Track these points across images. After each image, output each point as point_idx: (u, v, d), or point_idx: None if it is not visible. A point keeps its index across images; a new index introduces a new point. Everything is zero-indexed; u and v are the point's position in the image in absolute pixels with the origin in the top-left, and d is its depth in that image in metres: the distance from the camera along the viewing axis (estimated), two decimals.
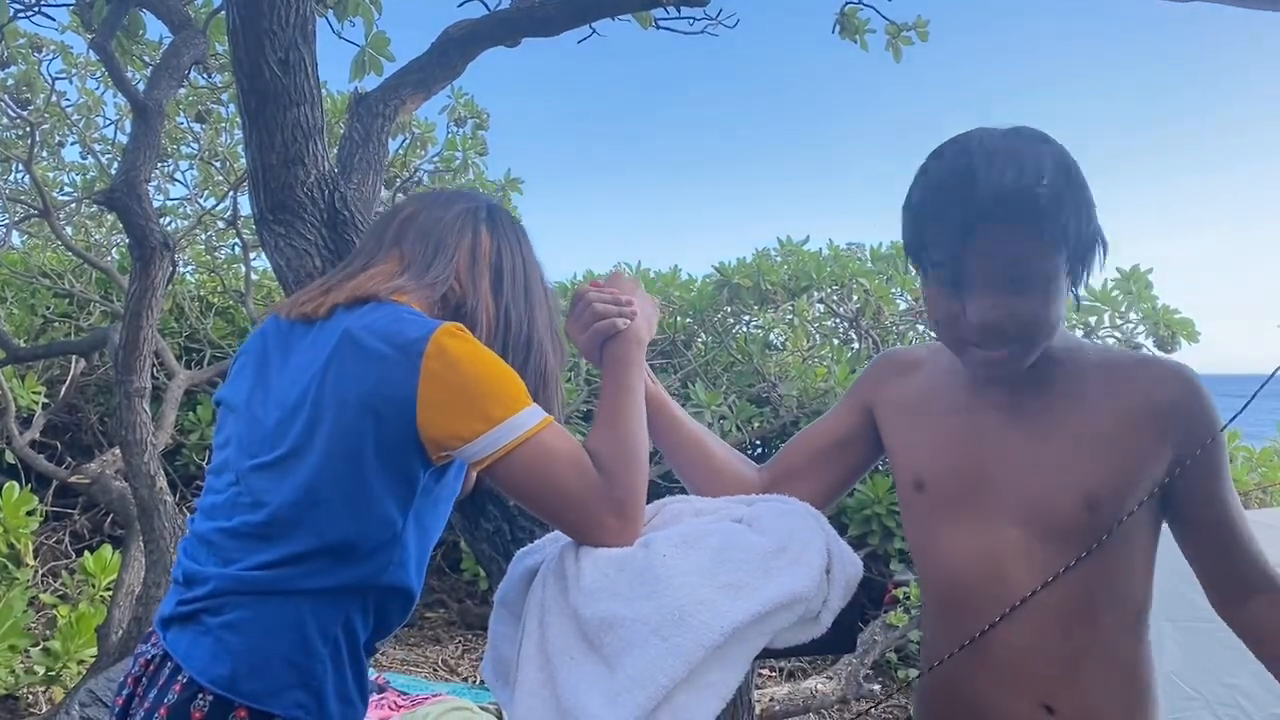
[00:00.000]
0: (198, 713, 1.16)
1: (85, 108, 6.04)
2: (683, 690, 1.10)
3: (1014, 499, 1.26)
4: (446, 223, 1.42)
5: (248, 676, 1.18)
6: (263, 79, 1.82)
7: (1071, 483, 1.23)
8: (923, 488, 1.35)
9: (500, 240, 1.44)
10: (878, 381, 1.46)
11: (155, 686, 1.22)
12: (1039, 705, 1.25)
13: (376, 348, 1.21)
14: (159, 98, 3.49)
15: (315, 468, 1.20)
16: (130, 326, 3.50)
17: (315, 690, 1.21)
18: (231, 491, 1.27)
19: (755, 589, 1.17)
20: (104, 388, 6.35)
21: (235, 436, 1.32)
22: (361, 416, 1.19)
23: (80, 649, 4.20)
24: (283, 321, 1.37)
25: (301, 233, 1.88)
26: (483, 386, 1.22)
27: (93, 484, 4.48)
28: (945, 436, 1.33)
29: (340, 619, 1.24)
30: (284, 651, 1.20)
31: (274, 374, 1.32)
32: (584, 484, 1.24)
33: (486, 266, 1.42)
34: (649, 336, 1.44)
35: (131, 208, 3.32)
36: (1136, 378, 1.25)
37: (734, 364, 5.74)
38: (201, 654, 1.20)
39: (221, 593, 1.21)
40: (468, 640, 5.34)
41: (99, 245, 6.96)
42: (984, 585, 1.27)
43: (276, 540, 1.21)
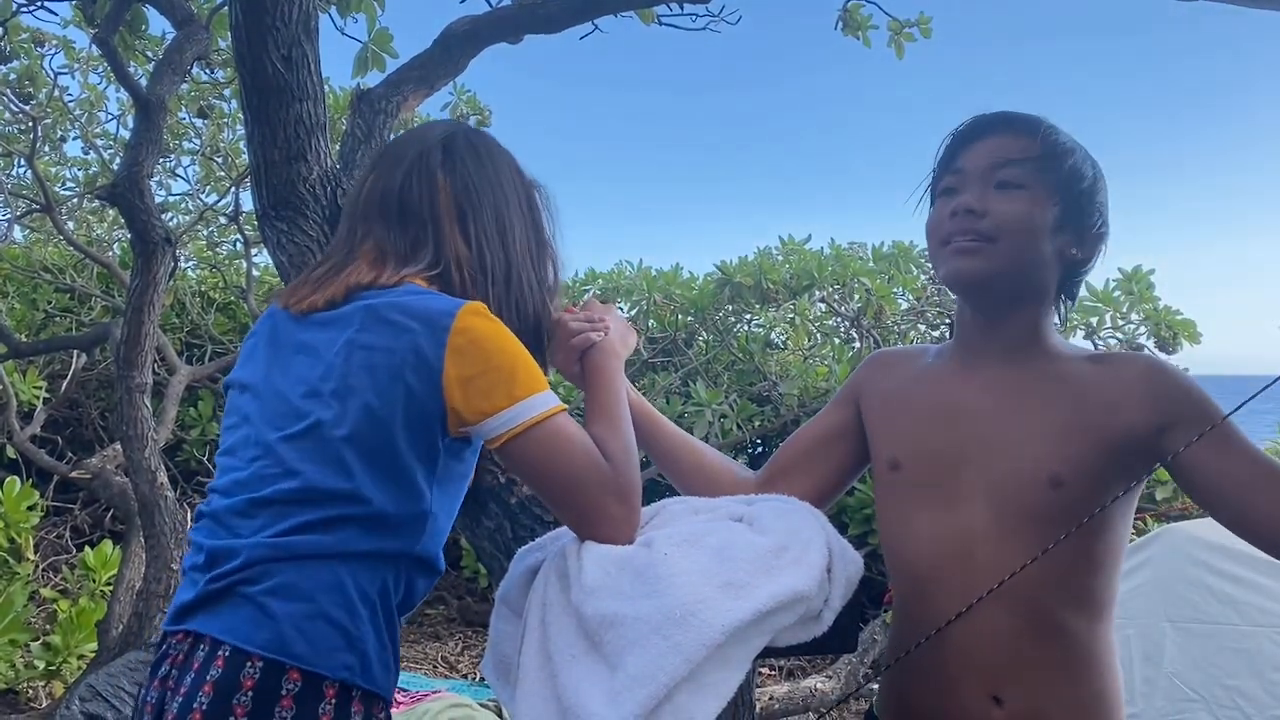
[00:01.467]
0: (249, 680, 1.14)
1: (87, 102, 6.04)
2: (684, 689, 1.10)
3: (984, 480, 1.28)
4: (400, 183, 1.39)
5: (297, 639, 1.16)
6: (265, 75, 1.82)
7: (1036, 462, 1.24)
8: (898, 467, 1.37)
9: (457, 178, 1.41)
10: (866, 378, 1.49)
11: (190, 671, 1.17)
12: (988, 696, 1.25)
13: (403, 321, 1.24)
14: (162, 93, 3.49)
15: (347, 437, 1.22)
16: (132, 322, 3.51)
17: (361, 652, 1.21)
18: (258, 465, 1.26)
19: (756, 588, 1.17)
20: (105, 383, 6.36)
21: (255, 414, 1.31)
22: (392, 385, 1.22)
23: (80, 644, 4.20)
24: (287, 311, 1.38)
25: (304, 229, 1.88)
26: (506, 365, 1.25)
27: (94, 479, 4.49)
28: (922, 420, 1.36)
29: (377, 584, 1.24)
30: (330, 613, 1.19)
31: (290, 354, 1.32)
32: (592, 469, 1.26)
33: (449, 215, 1.39)
34: (625, 353, 1.47)
35: (134, 203, 3.33)
36: (1112, 369, 1.28)
37: (735, 362, 5.74)
38: (244, 623, 1.17)
39: (256, 561, 1.19)
40: (468, 637, 5.34)
41: (100, 240, 6.97)
42: (951, 567, 1.28)
43: (313, 505, 1.21)
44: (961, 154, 1.33)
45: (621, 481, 1.27)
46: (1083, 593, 1.26)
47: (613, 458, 1.28)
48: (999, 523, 1.26)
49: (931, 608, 1.28)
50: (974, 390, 1.33)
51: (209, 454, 5.89)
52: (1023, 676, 1.24)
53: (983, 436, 1.30)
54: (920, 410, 1.37)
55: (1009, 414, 1.29)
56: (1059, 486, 1.23)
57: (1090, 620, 1.26)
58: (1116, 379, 1.26)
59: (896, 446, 1.38)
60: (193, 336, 6.66)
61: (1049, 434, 1.25)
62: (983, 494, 1.28)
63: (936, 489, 1.32)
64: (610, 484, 1.26)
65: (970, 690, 1.26)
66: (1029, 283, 1.30)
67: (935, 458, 1.33)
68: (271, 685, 1.14)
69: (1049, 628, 1.25)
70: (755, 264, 5.43)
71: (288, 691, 1.15)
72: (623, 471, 1.28)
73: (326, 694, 1.17)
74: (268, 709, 1.13)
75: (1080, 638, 1.26)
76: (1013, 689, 1.24)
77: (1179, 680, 2.43)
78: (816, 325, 6.04)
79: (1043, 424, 1.26)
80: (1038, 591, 1.23)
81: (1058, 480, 1.23)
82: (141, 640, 3.49)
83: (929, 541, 1.31)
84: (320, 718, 1.16)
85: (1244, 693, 2.31)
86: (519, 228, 1.44)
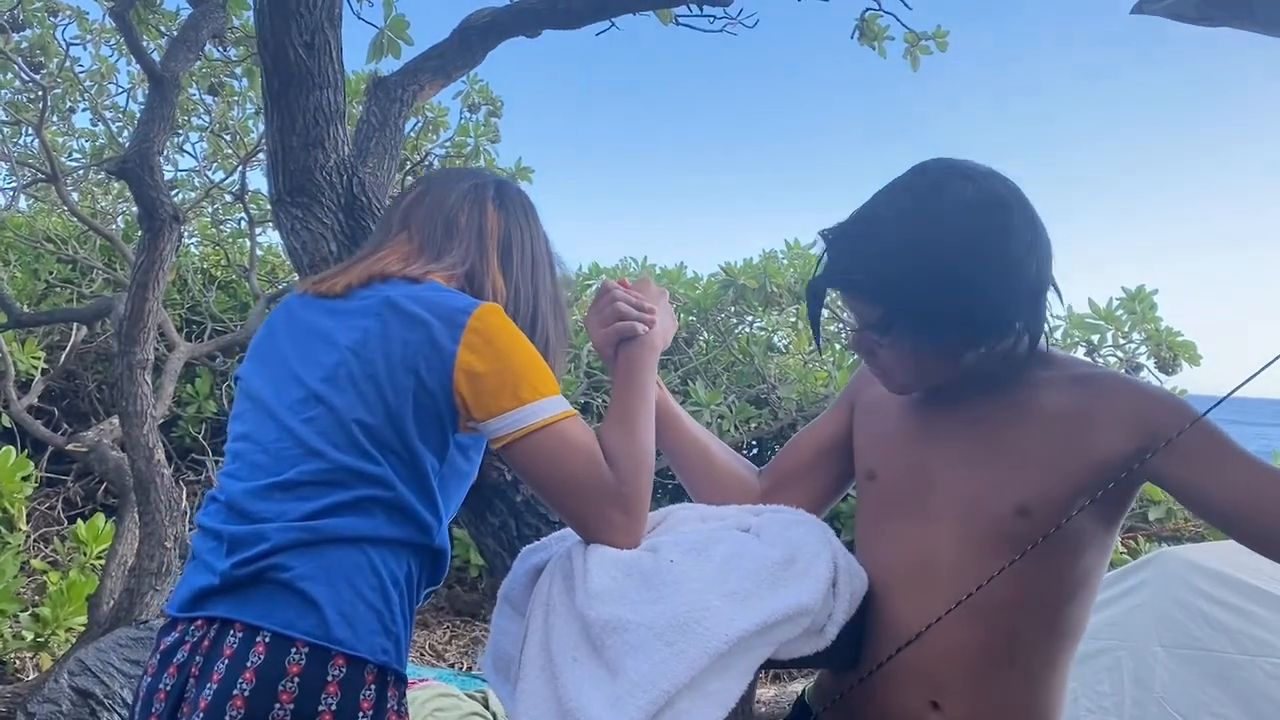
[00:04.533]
0: (294, 667, 1.15)
1: (98, 74, 6.01)
2: (685, 696, 1.11)
3: (953, 500, 1.28)
4: (454, 202, 1.44)
5: (340, 624, 1.18)
6: (287, 61, 1.82)
7: (1006, 489, 1.24)
8: (874, 478, 1.39)
9: (508, 217, 1.46)
10: (863, 384, 1.49)
11: (221, 658, 1.16)
12: (927, 701, 1.25)
13: (420, 314, 1.26)
14: (175, 69, 3.48)
15: (362, 424, 1.23)
16: (136, 298, 3.50)
17: (395, 637, 1.24)
18: (277, 448, 1.26)
19: (761, 599, 1.17)
20: (104, 356, 6.34)
21: (271, 398, 1.31)
22: (405, 376, 1.24)
23: (69, 617, 4.20)
24: (305, 297, 1.40)
25: (319, 216, 1.88)
26: (517, 367, 1.27)
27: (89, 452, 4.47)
28: (900, 435, 1.37)
29: (403, 570, 1.26)
30: (368, 597, 1.21)
31: (307, 339, 1.33)
32: (595, 477, 1.26)
33: (495, 244, 1.44)
34: (663, 346, 1.46)
35: (143, 179, 3.32)
36: (1091, 392, 1.25)
37: (735, 364, 5.74)
38: (285, 610, 1.18)
39: (286, 546, 1.20)
40: (455, 626, 5.34)
41: (105, 213, 6.95)
42: (915, 581, 1.28)
43: (341, 487, 1.22)
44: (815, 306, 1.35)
45: (625, 490, 1.27)
46: (1054, 619, 1.26)
47: (620, 465, 1.28)
48: (962, 544, 1.26)
49: (891, 616, 1.29)
50: (950, 413, 1.33)
51: (205, 431, 5.88)
52: (967, 686, 1.24)
53: (954, 460, 1.30)
54: (899, 425, 1.38)
55: (981, 441, 1.28)
56: (1025, 515, 1.22)
57: (1055, 648, 1.27)
58: (1097, 404, 1.23)
59: (874, 458, 1.40)
60: (193, 313, 6.64)
61: (1019, 463, 1.24)
62: (951, 516, 1.28)
63: (907, 505, 1.32)
64: (613, 493, 1.26)
65: (911, 695, 1.26)
66: (967, 366, 1.27)
67: (908, 475, 1.33)
68: (318, 671, 1.16)
69: (1010, 650, 1.25)
70: (760, 266, 5.43)
71: (333, 677, 1.16)
72: (628, 480, 1.27)
73: (367, 679, 1.19)
74: (314, 695, 1.15)
75: (1039, 663, 1.26)
76: (954, 697, 1.24)
77: (1168, 705, 2.44)
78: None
79: (1013, 453, 1.25)
80: (1007, 613, 1.23)
81: (1024, 510, 1.22)
82: (132, 617, 3.48)
83: (896, 554, 1.32)
84: (362, 702, 1.18)
85: None
86: (549, 284, 1.49)
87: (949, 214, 1.19)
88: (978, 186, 1.21)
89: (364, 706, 1.18)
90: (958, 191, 1.20)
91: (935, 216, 1.19)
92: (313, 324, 1.34)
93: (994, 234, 1.19)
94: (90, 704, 2.88)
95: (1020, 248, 1.20)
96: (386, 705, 1.21)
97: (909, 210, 1.21)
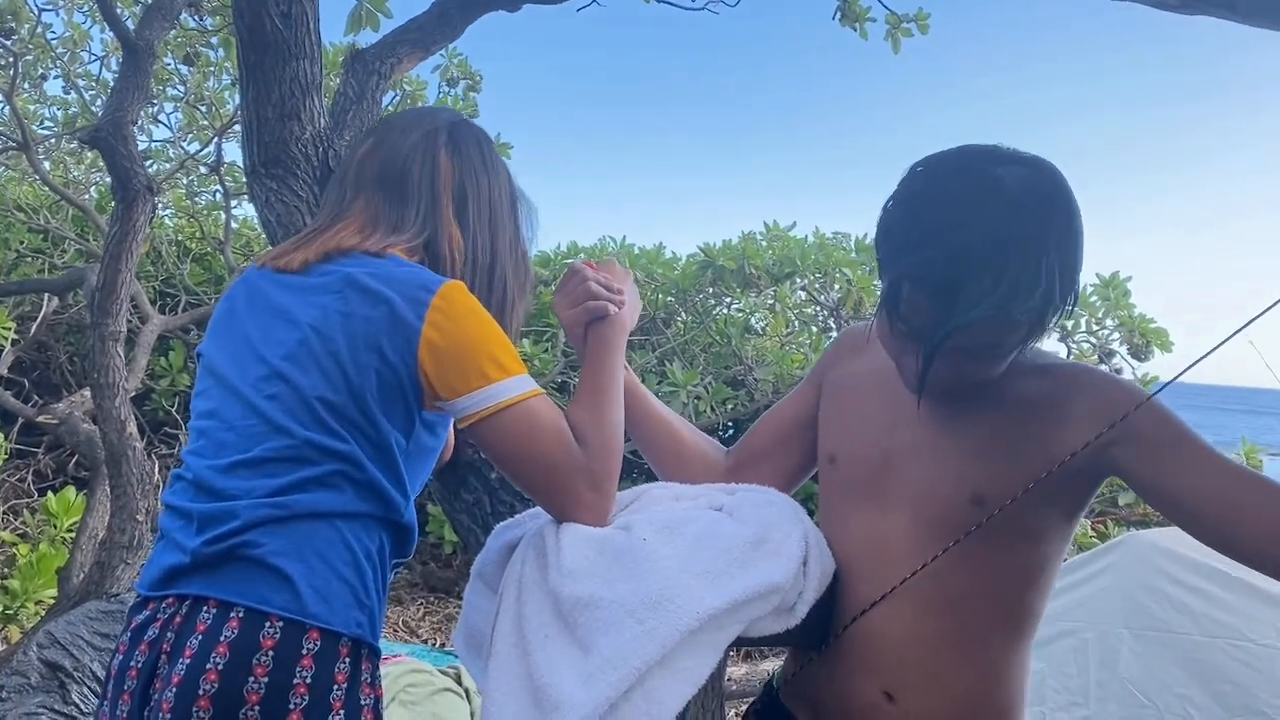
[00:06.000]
0: (268, 640, 1.15)
1: (71, 41, 5.91)
2: (656, 674, 1.11)
3: (909, 487, 1.28)
4: (406, 155, 1.40)
5: (314, 598, 1.18)
6: (264, 31, 1.80)
7: (962, 478, 1.23)
8: (835, 461, 1.38)
9: (462, 164, 1.42)
10: (832, 360, 1.48)
11: (194, 634, 1.16)
12: (880, 691, 1.26)
13: (383, 291, 1.25)
14: (150, 38, 3.43)
15: (325, 401, 1.22)
16: (109, 269, 3.46)
17: (369, 610, 1.24)
18: (243, 425, 1.25)
19: (732, 578, 1.18)
20: (75, 327, 6.27)
21: (234, 376, 1.30)
22: (367, 353, 1.23)
23: (39, 589, 4.17)
24: (265, 272, 1.37)
25: (294, 189, 1.86)
26: (483, 345, 1.26)
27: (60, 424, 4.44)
28: (862, 420, 1.36)
29: (375, 544, 1.26)
30: (341, 571, 1.21)
31: (268, 317, 1.31)
32: (564, 454, 1.26)
33: (449, 196, 1.40)
34: (631, 326, 1.46)
35: (116, 149, 3.27)
36: (1059, 384, 1.23)
37: (712, 345, 5.75)
38: (258, 585, 1.17)
39: (256, 523, 1.19)
40: (429, 603, 5.35)
41: (77, 182, 6.85)
42: (871, 565, 1.29)
43: (308, 463, 1.22)
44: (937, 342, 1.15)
45: (595, 467, 1.28)
46: (1013, 606, 1.26)
47: (589, 443, 1.28)
48: (917, 531, 1.26)
49: (847, 602, 1.30)
50: (913, 398, 1.29)
51: (178, 405, 5.83)
52: (920, 676, 1.25)
53: (913, 446, 1.29)
54: (862, 409, 1.37)
55: (941, 428, 1.28)
56: (980, 505, 1.21)
57: (1013, 636, 1.27)
58: (1061, 397, 1.22)
59: (836, 441, 1.40)
60: (167, 286, 6.57)
61: (978, 452, 1.23)
62: (907, 502, 1.28)
63: (866, 489, 1.32)
64: (582, 470, 1.27)
65: (864, 685, 1.27)
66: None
67: (868, 460, 1.33)
68: (292, 645, 1.16)
69: (968, 639, 1.25)
70: (739, 248, 5.43)
71: (308, 651, 1.16)
72: (597, 457, 1.28)
73: (341, 652, 1.19)
74: (289, 668, 1.15)
75: (998, 652, 1.26)
76: (907, 687, 1.25)
77: (1133, 686, 2.48)
78: (796, 313, 6.06)
79: (973, 442, 1.24)
80: (965, 603, 1.24)
81: (979, 499, 1.21)
82: (103, 590, 3.46)
83: (854, 539, 1.32)
84: (337, 675, 1.18)
85: (1195, 702, 2.36)
86: (508, 227, 1.46)
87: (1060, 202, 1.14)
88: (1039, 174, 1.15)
89: (338, 679, 1.18)
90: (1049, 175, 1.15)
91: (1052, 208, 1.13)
92: (273, 300, 1.32)
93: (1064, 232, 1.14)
94: (59, 677, 2.86)
95: (1076, 241, 1.16)
96: (361, 678, 1.21)
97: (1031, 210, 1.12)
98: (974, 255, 1.09)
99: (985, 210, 1.11)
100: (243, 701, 1.12)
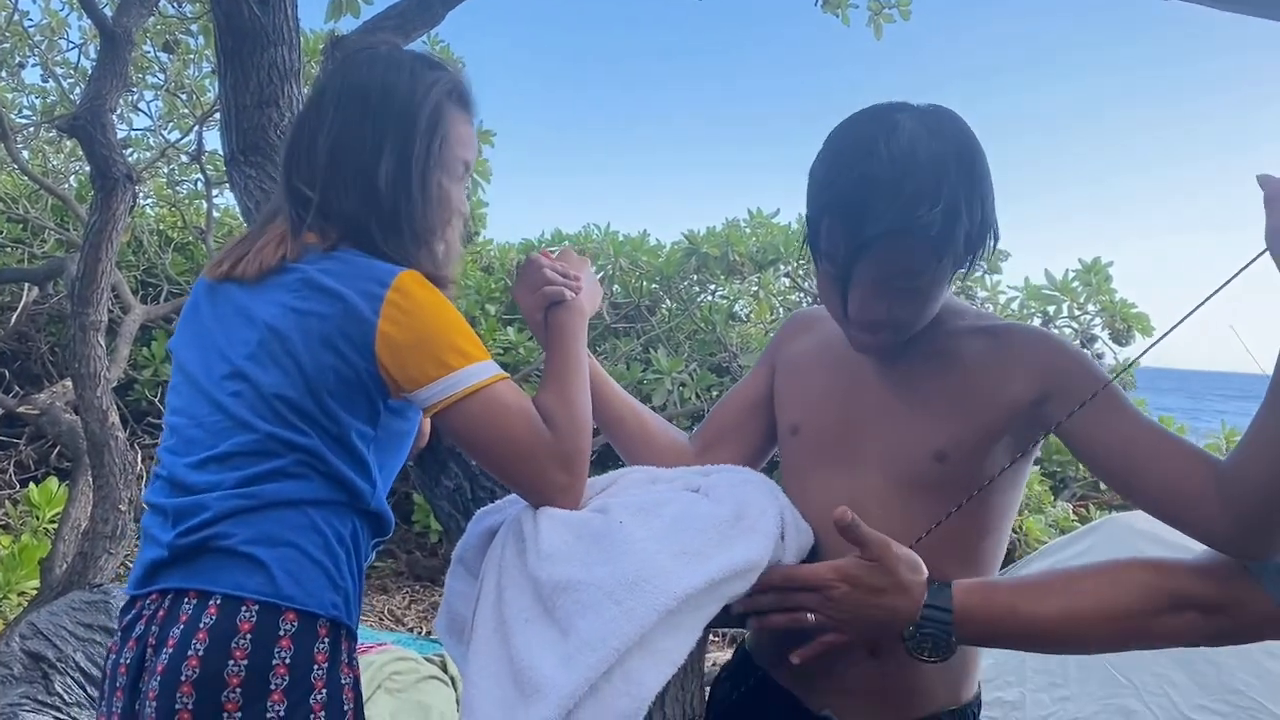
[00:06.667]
0: (245, 624, 1.17)
1: (48, 29, 5.86)
2: (636, 655, 1.12)
3: (875, 450, 1.33)
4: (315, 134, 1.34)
5: (288, 581, 1.20)
6: (241, 17, 1.79)
7: (925, 437, 1.29)
8: (797, 432, 1.42)
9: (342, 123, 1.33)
10: (782, 340, 1.53)
11: (177, 624, 1.19)
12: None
13: (336, 288, 1.24)
14: (128, 25, 3.40)
15: (286, 400, 1.23)
16: (89, 259, 3.44)
17: (344, 592, 1.25)
18: (209, 422, 1.27)
19: (709, 557, 1.18)
20: (56, 317, 6.23)
21: (201, 375, 1.31)
22: (324, 351, 1.23)
23: (22, 580, 4.16)
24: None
25: (272, 175, 1.85)
26: (441, 334, 1.25)
27: (41, 415, 4.42)
28: (823, 387, 1.41)
29: (348, 528, 1.28)
30: (313, 554, 1.23)
31: (231, 315, 1.32)
32: (533, 437, 1.27)
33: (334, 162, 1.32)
34: (591, 311, 1.48)
35: (95, 137, 3.25)
36: (1001, 342, 1.31)
37: (697, 332, 5.76)
38: (232, 573, 1.20)
39: (226, 514, 1.21)
40: (415, 591, 5.35)
41: (57, 171, 6.79)
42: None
43: (273, 455, 1.23)
44: (853, 260, 1.21)
45: (565, 448, 1.28)
46: (972, 554, 1.32)
47: (557, 424, 1.29)
48: (886, 490, 1.31)
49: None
50: (872, 365, 1.36)
51: (160, 394, 5.80)
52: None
53: (876, 410, 1.34)
54: (822, 380, 1.42)
55: (901, 390, 1.33)
56: (943, 460, 1.28)
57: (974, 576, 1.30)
58: (1004, 353, 1.29)
59: (798, 413, 1.44)
60: (149, 275, 6.54)
61: (936, 411, 1.30)
62: (874, 463, 1.33)
63: (833, 455, 1.37)
64: (552, 451, 1.28)
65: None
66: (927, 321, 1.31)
67: (832, 427, 1.38)
68: (269, 627, 1.18)
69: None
70: (723, 235, 5.43)
71: (285, 632, 1.18)
72: (566, 438, 1.29)
73: (320, 632, 1.21)
74: (267, 649, 1.17)
75: None
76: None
77: (1112, 667, 2.50)
78: (780, 300, 6.07)
79: (931, 400, 1.31)
80: (930, 553, 1.25)
81: (941, 455, 1.28)
82: (86, 580, 3.45)
83: (824, 503, 1.31)
84: (316, 655, 1.20)
85: (1173, 681, 2.39)
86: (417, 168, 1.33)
87: (957, 135, 1.22)
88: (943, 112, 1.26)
89: (318, 658, 1.20)
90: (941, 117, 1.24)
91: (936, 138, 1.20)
92: (233, 299, 1.33)
93: (977, 152, 1.24)
94: (42, 667, 2.86)
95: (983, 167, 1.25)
96: (340, 658, 1.23)
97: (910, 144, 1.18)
98: (877, 178, 1.18)
99: (888, 142, 1.19)
100: (224, 684, 1.14)
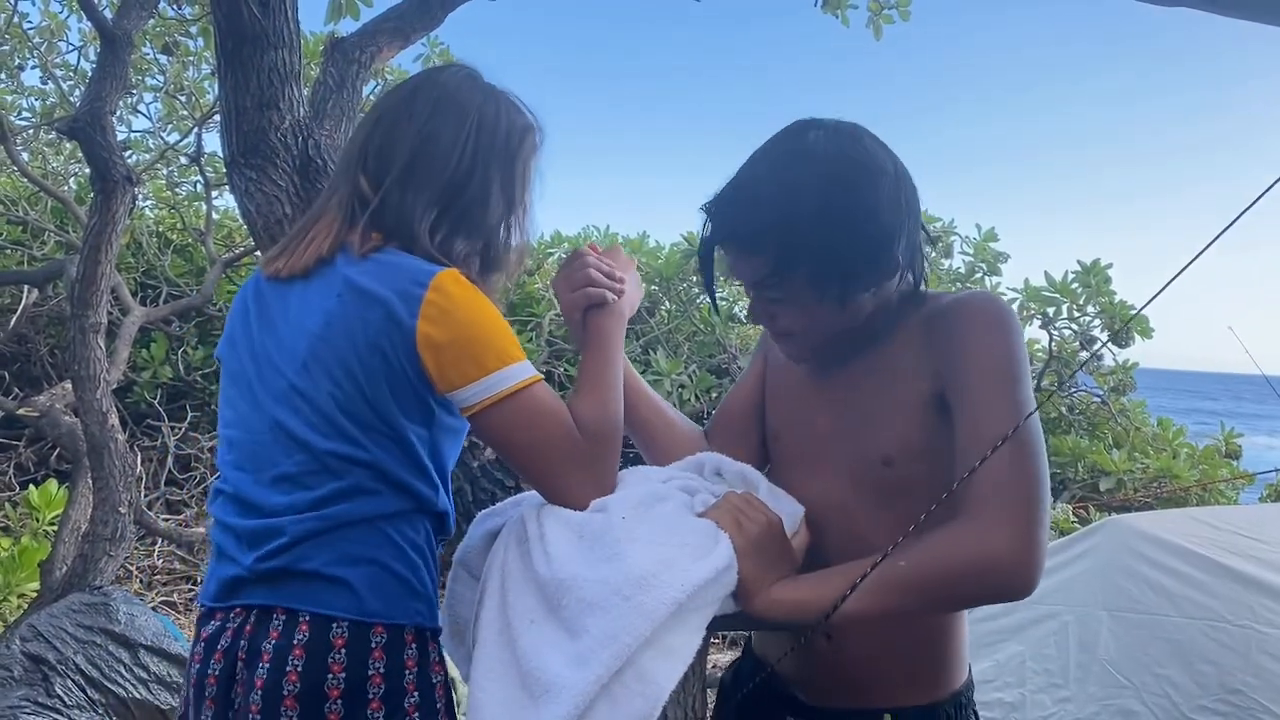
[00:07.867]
0: (339, 640, 1.21)
1: (48, 31, 5.86)
2: (647, 654, 1.11)
3: (837, 456, 1.35)
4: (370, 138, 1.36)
5: (373, 597, 1.23)
6: (241, 19, 1.79)
7: (875, 441, 1.30)
8: (779, 439, 1.47)
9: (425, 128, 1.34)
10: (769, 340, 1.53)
11: (269, 639, 1.22)
12: (822, 634, 1.28)
13: (377, 291, 1.24)
14: (128, 27, 3.41)
15: (343, 409, 1.24)
16: (88, 261, 3.44)
17: (426, 598, 1.28)
18: (270, 439, 1.28)
19: (709, 550, 1.19)
20: (55, 319, 6.23)
21: (257, 387, 1.31)
22: (372, 355, 1.23)
23: (22, 583, 4.16)
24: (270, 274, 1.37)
25: (273, 178, 1.86)
26: (480, 334, 1.25)
27: (41, 417, 4.41)
28: (798, 391, 1.44)
29: (420, 535, 1.30)
30: (394, 568, 1.25)
31: (280, 323, 1.31)
32: (568, 442, 1.27)
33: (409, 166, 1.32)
34: (630, 315, 1.47)
35: (95, 139, 3.25)
36: (925, 329, 1.30)
37: (697, 333, 5.76)
38: (319, 595, 1.23)
39: (302, 537, 1.23)
40: None
41: (56, 174, 6.79)
42: (816, 534, 1.34)
43: (336, 475, 1.24)
44: (701, 268, 1.37)
45: (595, 453, 1.29)
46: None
47: (589, 430, 1.29)
48: (845, 495, 1.34)
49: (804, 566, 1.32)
50: (839, 368, 1.38)
51: (160, 397, 5.80)
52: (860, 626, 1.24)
53: (837, 414, 1.36)
54: (796, 383, 1.44)
55: (857, 394, 1.35)
56: (890, 465, 1.29)
57: None
58: (922, 341, 1.29)
59: (777, 419, 1.48)
60: (148, 277, 6.53)
61: (883, 415, 1.30)
62: (836, 468, 1.35)
63: (802, 458, 1.40)
64: (584, 458, 1.28)
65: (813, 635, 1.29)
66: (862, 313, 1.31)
67: (802, 430, 1.41)
68: (361, 641, 1.22)
69: None
70: None
71: (376, 644, 1.22)
72: (598, 443, 1.29)
73: (407, 639, 1.25)
74: (362, 661, 1.21)
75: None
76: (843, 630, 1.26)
77: (1112, 667, 2.50)
78: None
79: (879, 405, 1.31)
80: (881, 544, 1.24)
81: (889, 460, 1.29)
82: (85, 582, 3.45)
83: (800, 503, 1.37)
84: (406, 661, 1.24)
85: (1173, 682, 2.38)
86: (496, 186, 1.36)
87: (813, 157, 1.25)
88: (834, 130, 1.28)
89: (408, 665, 1.24)
90: (816, 137, 1.27)
91: (800, 159, 1.26)
92: (279, 306, 1.33)
93: (858, 169, 1.25)
94: (43, 669, 2.86)
95: (886, 182, 1.26)
96: (429, 659, 1.27)
97: (775, 160, 1.28)
98: (724, 197, 1.27)
99: (765, 158, 1.28)
100: (325, 697, 1.19)
